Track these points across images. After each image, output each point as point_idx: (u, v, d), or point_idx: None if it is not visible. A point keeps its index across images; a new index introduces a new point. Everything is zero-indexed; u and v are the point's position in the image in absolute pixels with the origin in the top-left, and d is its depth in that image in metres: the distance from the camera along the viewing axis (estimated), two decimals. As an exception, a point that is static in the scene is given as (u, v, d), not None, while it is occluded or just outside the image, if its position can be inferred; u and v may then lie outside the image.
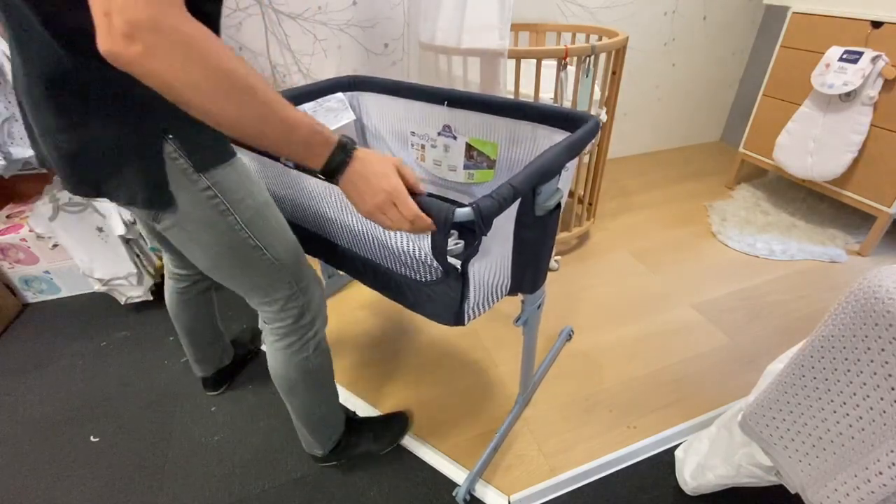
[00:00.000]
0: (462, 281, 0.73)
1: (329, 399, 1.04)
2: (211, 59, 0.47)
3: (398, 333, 1.53)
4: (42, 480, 1.15)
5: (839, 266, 1.76)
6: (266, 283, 0.81)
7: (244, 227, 0.73)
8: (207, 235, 0.72)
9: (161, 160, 0.63)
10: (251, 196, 0.73)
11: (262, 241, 0.76)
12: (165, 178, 0.64)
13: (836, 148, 1.75)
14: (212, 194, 0.68)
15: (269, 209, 0.77)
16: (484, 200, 0.63)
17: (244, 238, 0.74)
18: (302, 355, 0.90)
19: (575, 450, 1.16)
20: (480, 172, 1.19)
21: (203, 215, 0.69)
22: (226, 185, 0.69)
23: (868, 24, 1.65)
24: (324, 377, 0.99)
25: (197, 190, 0.67)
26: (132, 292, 1.61)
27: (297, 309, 0.86)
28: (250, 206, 0.73)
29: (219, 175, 0.68)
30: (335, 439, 1.08)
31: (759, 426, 0.79)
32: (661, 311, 1.58)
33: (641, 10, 2.26)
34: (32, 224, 1.56)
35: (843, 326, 0.61)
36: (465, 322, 0.81)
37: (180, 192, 0.66)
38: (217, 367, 1.31)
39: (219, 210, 0.70)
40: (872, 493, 0.61)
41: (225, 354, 1.32)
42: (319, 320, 0.91)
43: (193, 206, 0.68)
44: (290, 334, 0.88)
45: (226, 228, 0.72)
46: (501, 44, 1.39)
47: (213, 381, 1.32)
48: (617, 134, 2.59)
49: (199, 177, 0.66)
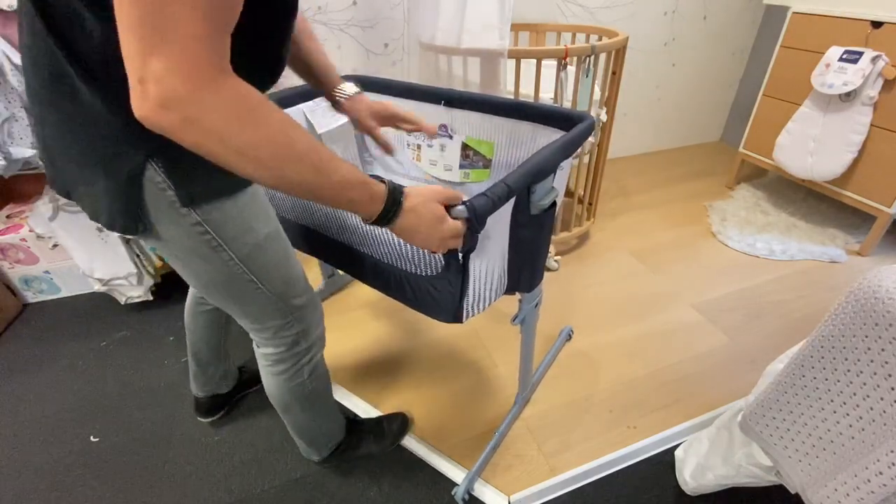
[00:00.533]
0: (462, 275, 0.73)
1: (325, 415, 1.02)
2: (254, 131, 0.45)
3: (398, 333, 1.53)
4: (42, 480, 1.15)
5: (839, 266, 1.76)
6: (259, 312, 0.77)
7: (239, 263, 0.68)
8: (198, 266, 0.68)
9: (139, 187, 0.57)
10: (251, 231, 0.68)
11: (257, 276, 0.71)
12: (139, 206, 0.59)
13: (836, 148, 1.75)
14: (202, 230, 0.63)
15: (271, 242, 0.72)
16: (478, 199, 0.63)
17: (239, 273, 0.69)
18: (296, 381, 0.87)
19: (575, 450, 1.16)
20: (476, 172, 1.19)
21: (193, 247, 0.65)
22: (221, 221, 0.64)
23: (868, 24, 1.65)
24: (320, 398, 0.96)
25: (186, 224, 0.62)
26: (132, 292, 1.61)
27: (291, 337, 0.82)
28: (248, 242, 0.68)
29: (214, 211, 0.63)
30: (332, 445, 1.08)
31: (759, 426, 0.79)
32: (661, 311, 1.58)
33: (641, 10, 2.26)
34: (32, 224, 1.56)
35: (843, 326, 0.61)
36: (464, 319, 0.81)
37: (167, 221, 0.61)
38: (213, 392, 1.22)
39: (210, 246, 0.65)
40: (872, 493, 0.61)
41: (224, 382, 1.23)
42: (316, 346, 0.88)
43: (182, 238, 0.64)
44: (282, 361, 0.85)
45: (219, 263, 0.67)
46: (501, 44, 1.39)
47: (205, 405, 1.23)
48: (617, 134, 2.59)
49: (188, 211, 0.61)
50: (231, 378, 1.26)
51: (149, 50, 0.40)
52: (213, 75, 0.43)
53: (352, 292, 1.72)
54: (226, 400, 1.27)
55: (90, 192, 0.60)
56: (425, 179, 1.30)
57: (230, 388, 1.26)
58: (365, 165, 1.40)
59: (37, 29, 0.51)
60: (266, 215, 0.71)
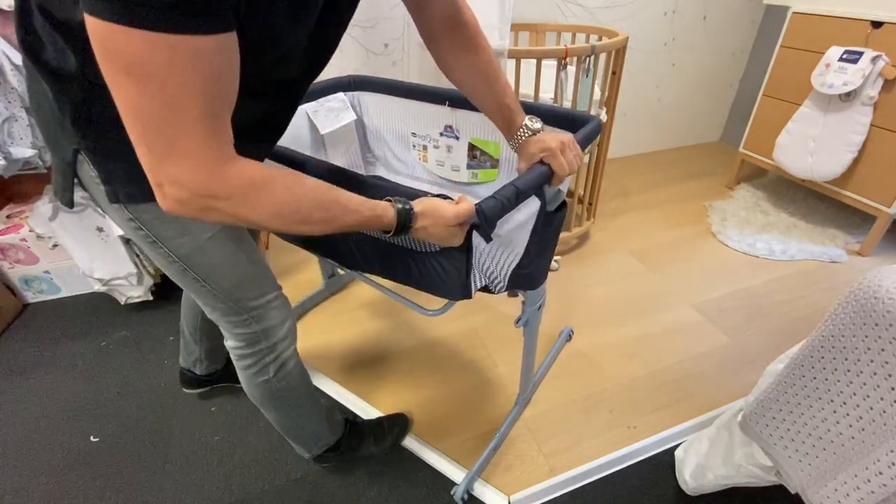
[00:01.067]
0: (466, 254, 0.72)
1: (306, 415, 1.00)
2: (263, 209, 0.51)
3: (399, 333, 1.53)
4: (42, 480, 1.15)
5: (839, 266, 1.76)
6: (210, 307, 0.77)
7: (179, 260, 0.69)
8: (148, 252, 0.71)
9: (73, 170, 0.62)
10: (188, 234, 0.67)
11: (201, 275, 0.72)
12: (72, 185, 0.64)
13: (836, 148, 1.76)
14: (136, 226, 0.65)
15: (216, 244, 0.70)
16: (487, 202, 0.63)
17: (181, 269, 0.71)
18: (261, 378, 0.86)
19: (575, 450, 1.16)
20: (484, 172, 1.19)
21: (133, 237, 0.68)
22: (152, 221, 0.65)
23: (868, 24, 1.65)
24: (294, 398, 0.94)
25: (122, 217, 0.65)
26: (132, 292, 1.61)
27: (249, 335, 0.81)
28: (186, 244, 0.68)
29: (145, 213, 0.64)
30: (322, 445, 1.07)
31: (759, 426, 0.79)
32: (661, 311, 1.58)
33: (641, 10, 2.26)
34: (32, 224, 1.56)
35: (843, 326, 0.61)
36: (472, 294, 0.80)
37: (109, 211, 0.65)
38: (189, 368, 1.25)
39: (147, 241, 0.67)
40: (872, 493, 0.61)
41: (199, 364, 1.23)
42: (282, 344, 0.85)
43: (123, 227, 0.67)
44: (245, 357, 0.84)
45: (160, 257, 0.70)
46: (501, 44, 1.39)
47: (186, 377, 1.27)
48: (617, 134, 2.58)
49: (119, 206, 0.63)
50: (207, 364, 1.25)
51: (158, 160, 0.45)
52: (219, 168, 0.47)
53: (352, 292, 1.72)
54: (202, 381, 1.28)
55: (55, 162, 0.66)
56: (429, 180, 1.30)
57: (205, 373, 1.26)
58: (367, 166, 1.40)
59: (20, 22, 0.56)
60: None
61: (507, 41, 1.39)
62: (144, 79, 0.41)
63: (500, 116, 0.81)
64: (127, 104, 0.43)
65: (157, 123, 0.43)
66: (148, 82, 0.41)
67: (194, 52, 0.41)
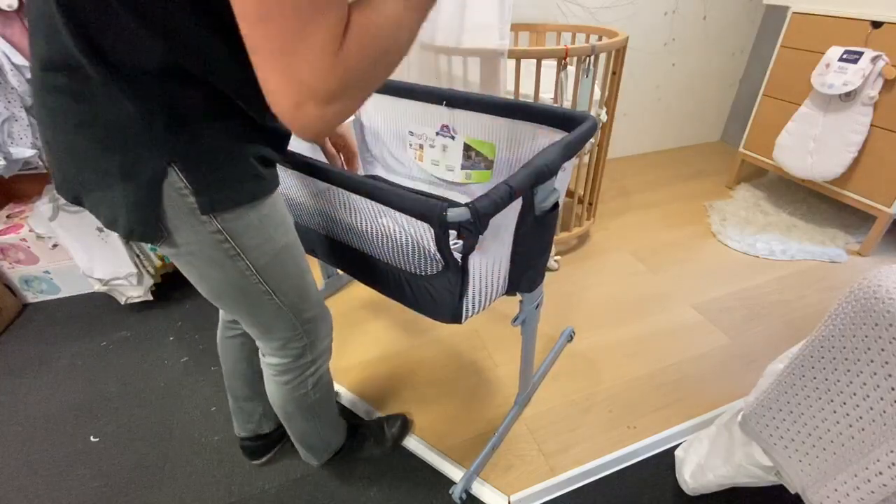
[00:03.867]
0: (462, 275, 0.73)
1: (327, 424, 1.02)
2: (379, 59, 0.46)
3: (398, 333, 1.53)
4: (42, 480, 1.15)
5: (839, 266, 1.76)
6: (270, 322, 0.76)
7: (256, 273, 0.67)
8: (213, 273, 0.66)
9: (158, 192, 0.56)
10: (270, 241, 0.67)
11: (272, 287, 0.70)
12: (158, 212, 0.57)
13: (836, 148, 1.75)
14: (221, 238, 0.62)
15: (288, 252, 0.71)
16: (480, 200, 0.63)
17: (254, 283, 0.68)
18: (300, 391, 0.87)
19: (575, 450, 1.16)
20: (478, 173, 1.19)
21: (211, 255, 0.64)
22: (240, 229, 0.63)
23: (868, 24, 1.65)
24: (322, 408, 0.96)
25: (205, 231, 0.61)
26: (132, 292, 1.61)
27: (298, 349, 0.82)
28: (266, 252, 0.67)
29: (233, 220, 0.61)
30: (330, 452, 1.08)
31: (759, 426, 0.79)
32: (661, 311, 1.58)
33: (641, 10, 2.26)
34: (32, 224, 1.56)
35: (843, 326, 0.61)
36: (463, 320, 0.81)
37: (185, 228, 0.60)
38: (255, 432, 1.11)
39: (228, 255, 0.64)
40: (872, 493, 0.61)
41: (265, 420, 1.11)
42: (321, 359, 0.87)
43: (200, 245, 0.62)
44: (287, 372, 0.84)
45: (235, 272, 0.66)
46: (501, 44, 1.39)
47: (250, 446, 1.13)
48: (617, 134, 2.59)
49: (208, 218, 0.59)
50: (273, 416, 1.11)
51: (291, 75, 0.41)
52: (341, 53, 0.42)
53: (352, 292, 1.72)
54: (272, 441, 1.15)
55: (107, 199, 0.57)
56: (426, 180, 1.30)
57: (274, 427, 1.13)
58: (365, 165, 1.40)
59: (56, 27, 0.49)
60: (285, 225, 0.70)
61: (507, 41, 1.39)
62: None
63: None
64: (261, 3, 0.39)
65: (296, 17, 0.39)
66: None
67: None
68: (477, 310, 0.83)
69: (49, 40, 0.51)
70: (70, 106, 0.53)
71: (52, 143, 0.58)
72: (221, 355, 1.03)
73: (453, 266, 0.73)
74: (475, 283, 0.79)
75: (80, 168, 0.57)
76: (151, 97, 0.46)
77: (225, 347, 1.01)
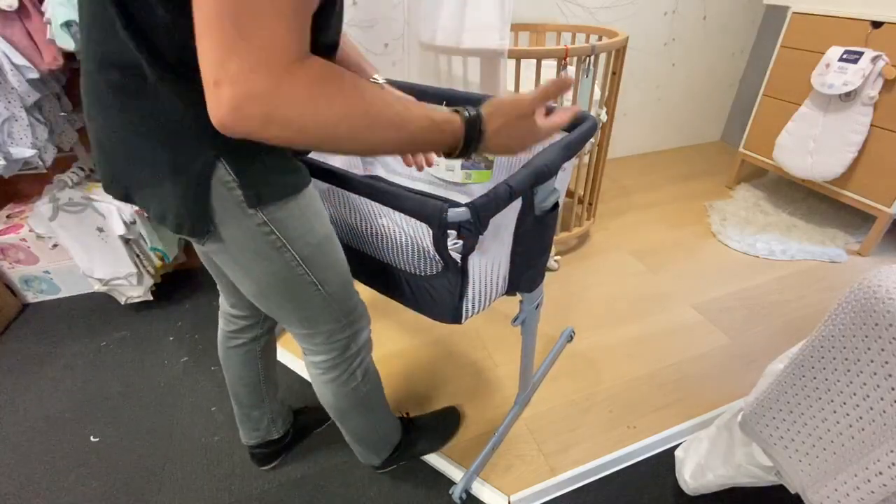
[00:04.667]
0: (461, 276, 0.73)
1: (382, 417, 1.01)
2: (330, 109, 0.44)
3: (398, 334, 1.53)
4: (42, 480, 1.15)
5: (839, 266, 1.76)
6: (315, 316, 0.76)
7: (301, 263, 0.68)
8: (260, 268, 0.67)
9: (207, 186, 0.57)
10: (312, 232, 0.68)
11: (317, 277, 0.71)
12: (207, 206, 0.58)
13: (836, 148, 1.75)
14: (268, 230, 0.63)
15: (329, 243, 0.72)
16: (480, 200, 0.63)
17: (300, 274, 0.69)
18: (350, 385, 0.87)
19: (575, 450, 1.16)
20: (478, 173, 1.19)
21: (257, 248, 0.64)
22: (285, 221, 0.64)
23: (868, 24, 1.65)
24: (375, 400, 0.96)
25: (252, 224, 0.61)
26: (132, 292, 1.61)
27: (343, 341, 0.81)
28: (310, 242, 0.68)
29: (278, 211, 0.62)
30: (391, 447, 1.06)
31: (759, 426, 0.79)
32: (661, 311, 1.58)
33: (641, 10, 2.26)
34: (32, 224, 1.56)
35: (843, 326, 0.61)
36: (463, 320, 0.81)
37: (232, 223, 0.61)
38: (263, 439, 1.10)
39: (275, 246, 0.65)
40: (872, 493, 0.61)
41: (273, 426, 1.10)
42: (365, 349, 0.87)
43: (246, 239, 0.63)
44: (335, 367, 0.84)
45: (281, 264, 0.67)
46: (501, 44, 1.39)
47: (259, 453, 1.12)
48: (617, 134, 2.59)
49: (254, 211, 0.60)
50: (283, 421, 1.13)
51: (226, 52, 0.39)
52: (291, 66, 0.41)
53: (352, 292, 1.71)
54: (281, 446, 1.15)
55: (157, 195, 0.59)
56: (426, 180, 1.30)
57: (283, 433, 1.13)
58: (366, 165, 1.40)
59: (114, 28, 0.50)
60: (323, 216, 0.71)
61: (507, 41, 1.39)
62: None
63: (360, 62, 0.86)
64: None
65: (237, 8, 0.38)
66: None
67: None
68: (477, 310, 0.83)
69: (106, 40, 0.52)
70: (125, 104, 0.54)
71: (105, 141, 0.59)
72: (224, 365, 1.02)
73: (453, 267, 0.73)
74: (475, 284, 0.79)
75: (132, 165, 0.59)
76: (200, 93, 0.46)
77: (228, 356, 1.00)
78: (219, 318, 0.99)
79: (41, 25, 1.22)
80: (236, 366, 1.01)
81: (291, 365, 1.44)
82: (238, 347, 0.99)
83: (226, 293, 0.93)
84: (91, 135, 0.62)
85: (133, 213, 1.51)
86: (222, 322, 0.98)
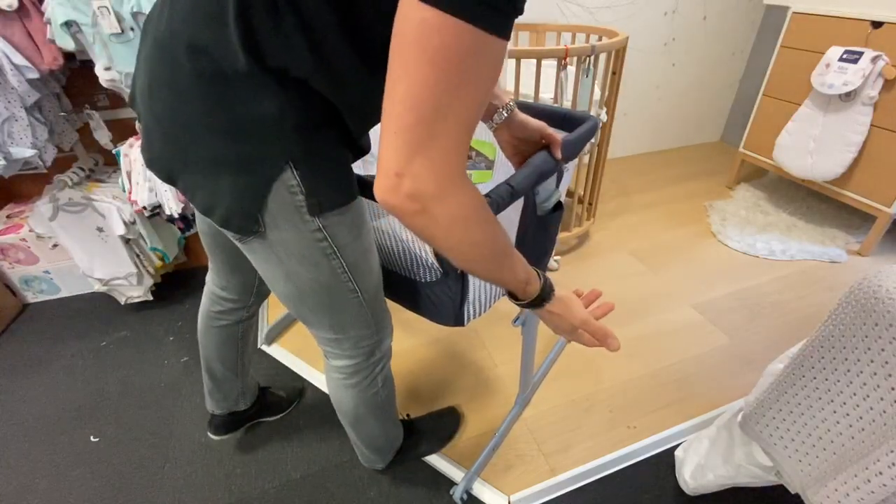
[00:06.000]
0: (461, 282, 0.73)
1: (393, 422, 1.02)
2: (468, 234, 0.50)
3: (397, 334, 1.51)
4: (42, 480, 1.14)
5: (839, 266, 1.76)
6: (348, 321, 0.77)
7: (347, 270, 0.69)
8: (305, 272, 0.67)
9: (269, 188, 0.57)
10: (358, 239, 0.69)
11: (358, 284, 0.72)
12: (262, 207, 0.59)
13: (836, 148, 1.75)
14: (321, 237, 0.64)
15: (371, 250, 0.73)
16: None
17: (344, 281, 0.70)
18: (371, 391, 0.87)
19: (575, 450, 1.16)
20: (479, 173, 1.19)
21: (307, 254, 0.65)
22: (337, 229, 0.65)
23: (868, 24, 1.65)
24: (390, 406, 0.97)
25: (307, 230, 0.63)
26: (132, 292, 1.61)
27: (368, 347, 0.82)
28: (356, 249, 0.69)
29: (333, 219, 0.64)
30: (395, 450, 1.07)
31: (759, 426, 0.79)
32: (661, 311, 1.58)
33: (641, 10, 2.26)
34: (32, 224, 1.56)
35: (843, 326, 0.61)
36: (465, 323, 0.81)
37: (286, 226, 0.61)
38: (230, 409, 1.13)
39: (325, 253, 0.66)
40: (872, 493, 0.61)
41: (242, 398, 1.13)
42: (387, 355, 0.89)
43: (298, 244, 0.64)
44: (358, 372, 0.84)
45: (328, 270, 0.68)
46: (501, 44, 1.39)
47: (220, 422, 1.13)
48: (617, 134, 2.59)
49: (312, 218, 0.62)
50: (251, 395, 1.17)
51: (414, 150, 0.43)
52: (459, 179, 0.46)
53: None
54: (244, 418, 1.18)
55: (209, 185, 0.59)
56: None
57: (248, 405, 1.16)
58: (367, 166, 1.40)
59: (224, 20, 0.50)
60: (368, 223, 0.72)
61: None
62: (449, 71, 0.40)
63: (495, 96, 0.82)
64: (412, 90, 0.41)
65: (433, 116, 0.42)
66: (451, 75, 0.41)
67: (497, 54, 0.43)
68: (479, 313, 0.83)
69: (210, 27, 0.52)
70: (208, 92, 0.54)
71: (165, 120, 0.59)
72: (203, 342, 1.03)
73: (453, 273, 0.73)
74: (476, 288, 0.79)
75: (189, 149, 0.58)
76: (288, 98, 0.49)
77: (209, 335, 1.01)
78: (203, 296, 1.00)
79: (41, 25, 1.21)
80: (215, 343, 1.02)
81: (292, 365, 1.44)
82: (221, 328, 1.00)
83: (219, 276, 0.94)
84: (144, 106, 0.61)
85: (133, 213, 1.51)
86: (207, 301, 0.99)
